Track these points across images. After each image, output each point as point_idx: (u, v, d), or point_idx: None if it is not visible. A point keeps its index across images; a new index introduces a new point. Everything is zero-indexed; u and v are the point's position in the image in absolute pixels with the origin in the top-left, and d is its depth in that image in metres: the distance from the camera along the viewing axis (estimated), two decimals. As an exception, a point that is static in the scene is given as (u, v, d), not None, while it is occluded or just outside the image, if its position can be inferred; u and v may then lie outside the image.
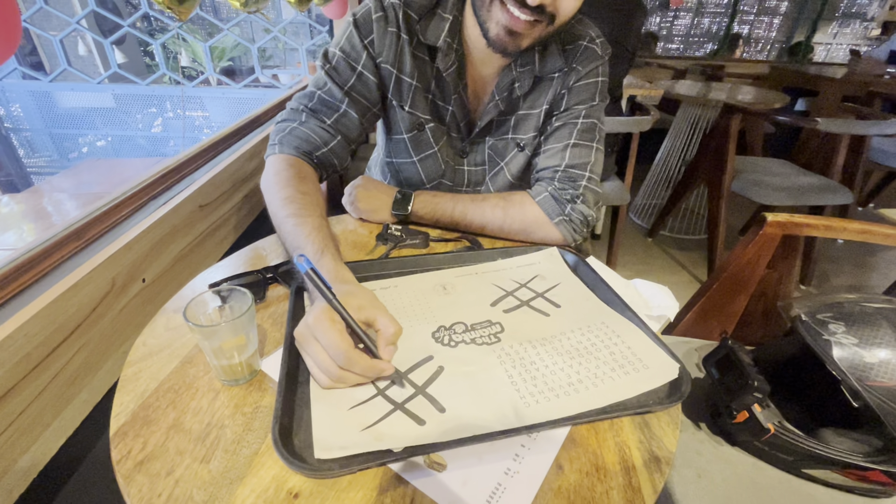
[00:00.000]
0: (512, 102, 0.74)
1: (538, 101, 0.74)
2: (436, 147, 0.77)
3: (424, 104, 0.74)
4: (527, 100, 0.75)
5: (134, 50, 4.09)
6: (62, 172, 2.61)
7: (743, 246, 0.85)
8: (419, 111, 0.74)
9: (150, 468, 0.36)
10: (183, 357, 0.47)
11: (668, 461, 0.39)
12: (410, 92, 0.72)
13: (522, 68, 0.71)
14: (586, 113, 0.73)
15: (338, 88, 0.69)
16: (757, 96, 2.24)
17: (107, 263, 0.56)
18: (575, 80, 0.72)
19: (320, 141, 0.69)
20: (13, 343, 0.43)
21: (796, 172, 1.92)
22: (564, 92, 0.73)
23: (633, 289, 0.62)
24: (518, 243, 0.73)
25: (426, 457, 0.38)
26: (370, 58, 0.69)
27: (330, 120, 0.70)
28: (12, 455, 0.43)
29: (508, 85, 0.72)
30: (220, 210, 0.85)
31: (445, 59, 0.69)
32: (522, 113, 0.75)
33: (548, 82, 0.73)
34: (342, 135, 0.71)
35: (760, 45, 4.89)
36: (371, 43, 0.69)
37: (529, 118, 0.76)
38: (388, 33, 0.68)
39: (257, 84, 3.01)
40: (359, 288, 0.49)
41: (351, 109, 0.70)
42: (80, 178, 2.44)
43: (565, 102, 0.73)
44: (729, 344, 0.68)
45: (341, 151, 0.72)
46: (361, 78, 0.70)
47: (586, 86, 0.73)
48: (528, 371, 0.46)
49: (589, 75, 0.72)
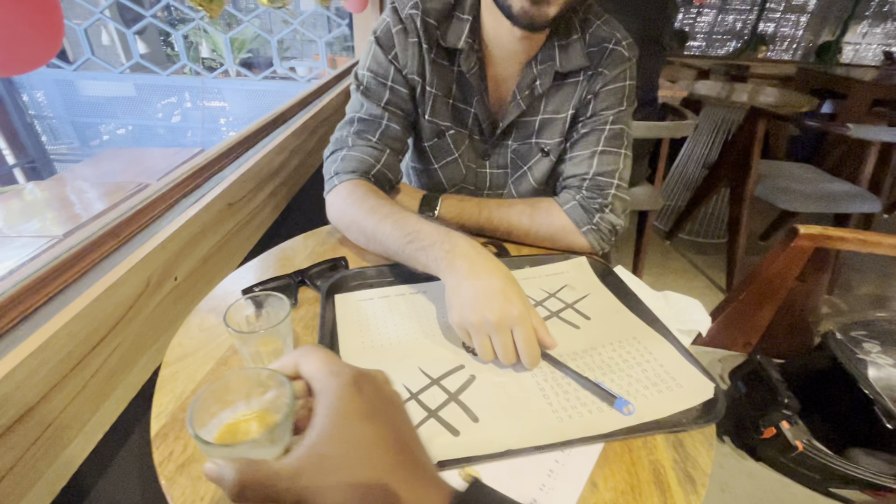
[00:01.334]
0: (534, 102, 0.73)
1: (563, 106, 0.73)
2: (456, 153, 0.77)
3: (445, 111, 0.74)
4: (550, 103, 0.74)
5: (155, 40, 4.13)
6: (84, 161, 2.66)
7: (772, 257, 0.84)
8: (439, 118, 0.74)
9: (192, 471, 0.37)
10: (218, 358, 0.48)
11: (703, 482, 0.39)
12: (431, 100, 0.72)
13: (543, 65, 0.70)
14: (614, 119, 0.72)
15: (375, 105, 0.71)
16: (783, 98, 2.19)
17: (143, 262, 0.57)
18: (602, 85, 0.71)
19: (372, 160, 0.70)
20: (58, 341, 0.44)
21: (822, 178, 1.87)
22: (591, 97, 0.72)
23: (664, 301, 0.61)
24: (545, 250, 0.72)
25: (461, 470, 0.38)
26: (397, 71, 0.70)
27: (375, 137, 0.71)
28: (56, 450, 0.45)
29: (529, 83, 0.71)
30: (247, 208, 0.86)
31: (468, 60, 0.69)
32: (547, 117, 0.75)
33: (571, 86, 0.72)
34: (390, 148, 0.72)
35: (787, 45, 4.76)
36: (395, 57, 0.69)
37: (554, 123, 0.75)
38: (409, 44, 0.68)
39: (275, 76, 3.03)
40: None
41: (392, 122, 0.71)
42: (102, 166, 2.48)
43: (592, 108, 0.72)
44: (757, 359, 0.68)
45: (393, 164, 0.73)
46: (394, 91, 0.71)
47: (613, 90, 0.71)
48: (560, 385, 0.46)
49: (616, 79, 0.71)
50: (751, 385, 0.67)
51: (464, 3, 0.68)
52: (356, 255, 0.68)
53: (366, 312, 0.55)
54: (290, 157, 1.08)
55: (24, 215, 1.72)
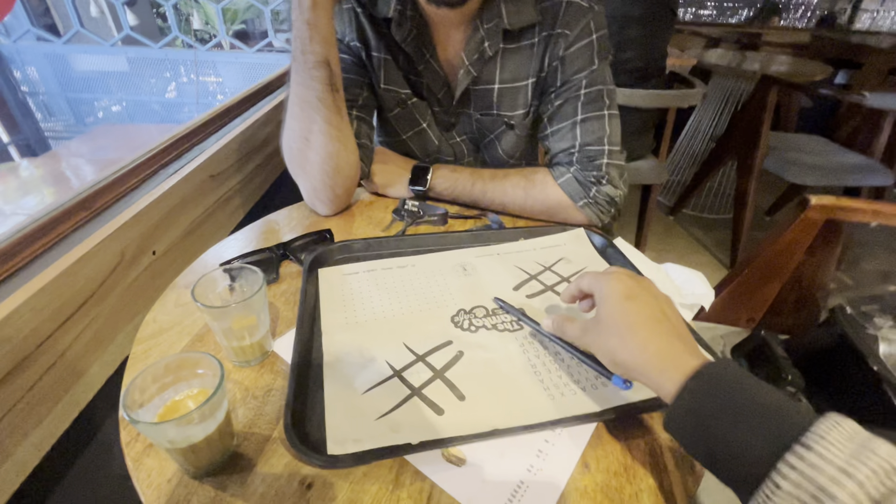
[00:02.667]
0: (486, 68, 0.67)
1: (520, 72, 0.67)
2: (424, 123, 0.73)
3: (399, 78, 0.70)
4: (506, 69, 0.67)
5: (146, 11, 4.00)
6: (78, 137, 2.62)
7: (780, 230, 0.80)
8: (396, 86, 0.70)
9: (159, 451, 0.35)
10: (193, 335, 0.46)
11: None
12: (382, 67, 0.68)
13: (489, 24, 0.63)
14: (588, 81, 0.65)
15: None
16: (796, 67, 2.10)
17: (116, 234, 0.54)
18: (566, 47, 0.63)
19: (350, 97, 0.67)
20: (20, 317, 0.42)
21: (834, 150, 1.81)
22: (556, 63, 0.65)
23: (665, 274, 0.58)
24: (541, 222, 0.69)
25: (444, 450, 0.36)
26: (338, 40, 0.65)
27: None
28: (24, 429, 0.43)
29: (477, 46, 0.64)
30: (232, 180, 0.82)
31: (400, 30, 0.63)
32: (505, 86, 0.68)
33: (527, 48, 0.66)
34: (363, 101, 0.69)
35: (801, 12, 4.57)
36: None
37: (514, 92, 0.69)
38: (343, 10, 0.64)
39: (271, 49, 2.93)
40: None
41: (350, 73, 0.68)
42: (97, 143, 2.45)
43: (561, 75, 0.65)
44: (762, 335, 0.65)
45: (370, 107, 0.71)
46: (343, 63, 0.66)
47: (580, 50, 0.64)
48: (553, 362, 0.44)
49: (580, 37, 0.63)
50: (754, 362, 0.64)
51: None
52: (342, 227, 0.65)
53: (350, 287, 0.53)
54: (277, 128, 1.03)
55: (21, 191, 1.70)
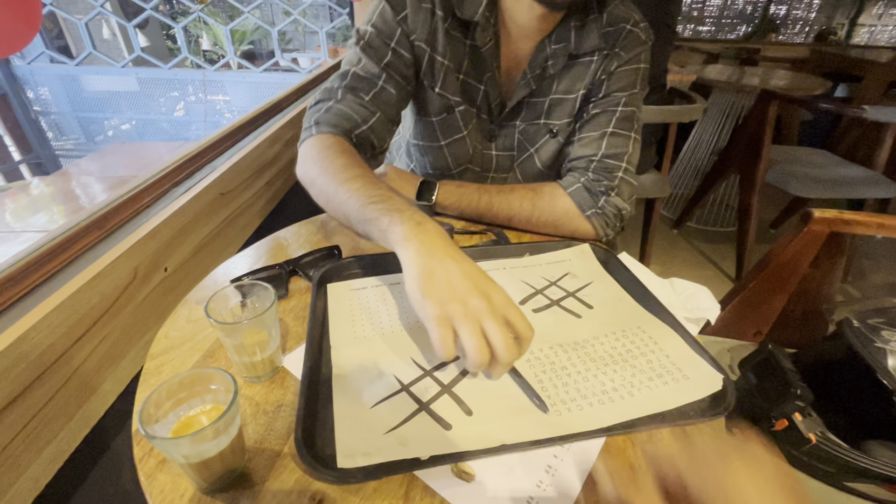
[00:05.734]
0: (544, 82, 0.70)
1: (574, 86, 0.70)
2: (465, 131, 0.74)
3: (455, 85, 0.70)
4: (562, 82, 0.71)
5: (156, 33, 4.11)
6: (89, 155, 2.66)
7: (785, 242, 0.81)
8: (449, 93, 0.71)
9: (173, 467, 0.35)
10: (205, 350, 0.46)
11: (711, 479, 0.37)
12: (442, 72, 0.68)
13: (557, 45, 0.67)
14: (626, 101, 0.69)
15: (374, 64, 0.66)
16: (795, 82, 2.12)
17: (130, 252, 0.55)
18: (617, 66, 0.68)
19: (359, 118, 0.65)
20: (37, 334, 0.43)
21: (836, 163, 1.82)
22: (604, 77, 0.69)
23: (670, 288, 0.58)
24: (546, 237, 0.70)
25: (454, 466, 0.36)
26: (404, 34, 0.66)
27: (368, 96, 0.66)
28: (38, 445, 0.43)
29: (542, 63, 0.68)
30: (242, 198, 0.84)
31: (483, 35, 0.65)
32: (557, 97, 0.72)
33: (584, 66, 0.69)
34: (382, 111, 0.67)
35: (798, 27, 4.63)
36: (404, 19, 0.65)
37: (564, 103, 0.72)
38: (421, 9, 0.64)
39: (277, 68, 3.00)
40: None
41: (388, 85, 0.66)
42: (106, 161, 2.49)
43: (605, 88, 0.69)
44: (769, 348, 0.65)
45: (381, 130, 0.67)
46: (397, 53, 0.66)
47: (628, 72, 0.68)
48: (560, 377, 0.44)
49: (631, 61, 0.68)
50: (762, 375, 0.64)
51: None
52: (350, 243, 0.66)
53: (358, 302, 0.53)
54: (286, 147, 1.06)
55: (31, 210, 1.72)
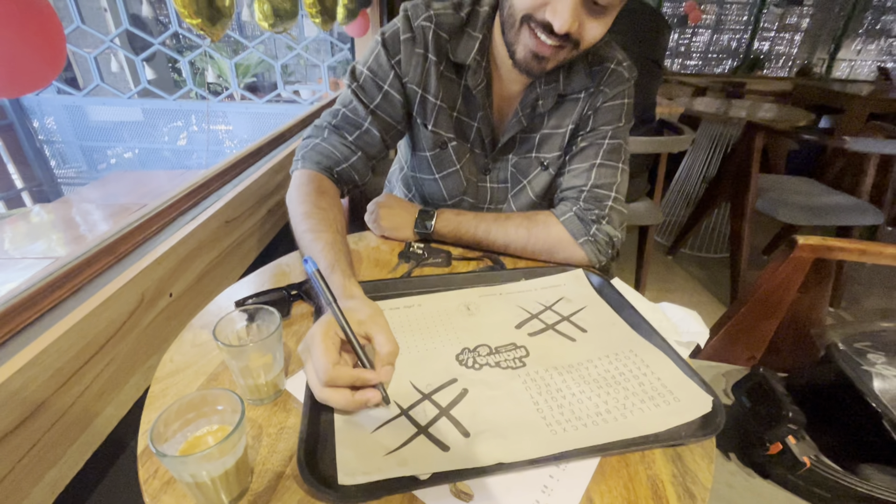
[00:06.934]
0: (535, 119, 0.74)
1: (563, 122, 0.74)
2: (458, 165, 0.77)
3: (448, 122, 0.74)
4: (551, 118, 0.75)
5: (163, 66, 4.24)
6: (91, 183, 2.70)
7: (772, 269, 0.83)
8: (442, 130, 0.74)
9: (177, 488, 0.36)
10: (209, 374, 0.48)
11: (703, 498, 0.38)
12: (434, 111, 0.73)
13: (547, 86, 0.71)
14: (612, 133, 0.73)
15: (363, 107, 0.71)
16: (780, 114, 2.21)
17: (137, 278, 0.57)
18: (602, 102, 0.72)
19: (341, 156, 0.71)
20: (46, 357, 0.44)
21: (822, 191, 1.87)
22: (591, 113, 0.73)
23: (661, 313, 0.60)
24: (541, 263, 0.72)
25: (452, 485, 0.37)
26: (397, 77, 0.70)
27: (352, 137, 0.72)
28: (41, 469, 0.44)
29: (532, 102, 0.72)
30: (245, 225, 0.86)
31: (475, 77, 0.69)
32: (547, 132, 0.75)
33: (572, 102, 0.73)
34: (363, 151, 0.73)
35: (782, 62, 4.83)
36: (398, 63, 0.70)
37: (554, 137, 0.76)
38: (414, 54, 0.69)
39: (279, 99, 3.09)
40: (364, 303, 0.48)
41: (373, 127, 0.71)
42: (108, 189, 2.52)
43: (592, 122, 0.73)
44: (761, 372, 0.66)
45: (361, 167, 0.73)
46: (387, 97, 0.71)
47: (613, 107, 0.72)
48: (555, 398, 0.45)
49: (616, 97, 0.72)
50: (755, 399, 0.65)
51: (476, 21, 0.69)
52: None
53: (359, 327, 0.55)
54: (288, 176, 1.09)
55: (30, 237, 1.74)
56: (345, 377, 0.41)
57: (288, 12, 1.16)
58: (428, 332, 0.55)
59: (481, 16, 0.68)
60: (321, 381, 0.41)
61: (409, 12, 0.69)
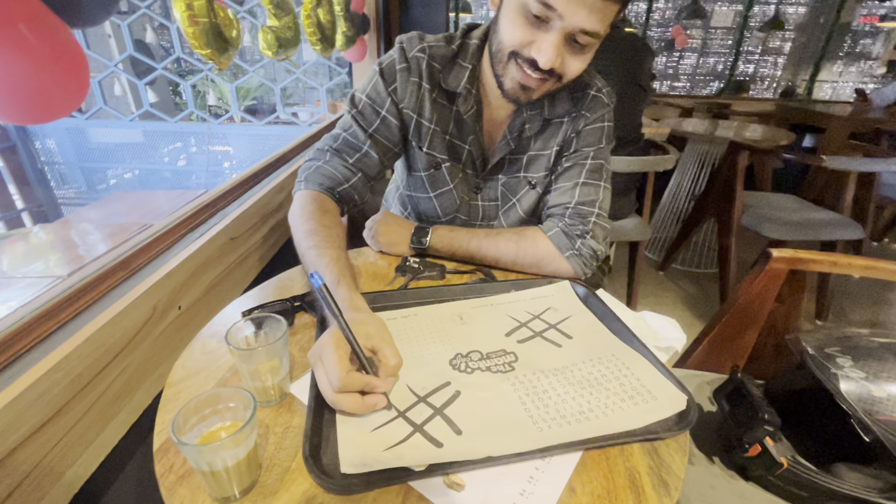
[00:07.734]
0: (522, 142, 0.80)
1: (549, 143, 0.80)
2: (451, 184, 0.82)
3: (442, 145, 0.80)
4: (538, 141, 0.80)
5: (164, 89, 4.34)
6: (91, 204, 2.73)
7: (749, 280, 0.88)
8: (436, 151, 0.80)
9: (192, 482, 0.39)
10: (218, 379, 0.51)
11: (676, 486, 0.41)
12: (429, 134, 0.78)
13: (532, 111, 0.76)
14: (594, 154, 0.78)
15: (362, 131, 0.76)
16: (763, 134, 2.30)
17: (150, 291, 0.60)
18: (584, 125, 0.78)
19: (342, 178, 0.75)
20: (69, 363, 0.47)
21: (805, 208, 1.94)
22: (574, 135, 0.78)
23: (642, 321, 0.64)
24: (530, 276, 0.76)
25: (445, 477, 0.40)
26: (393, 103, 0.76)
27: (352, 159, 0.77)
28: (61, 468, 0.47)
29: (519, 126, 0.77)
30: (249, 242, 0.90)
31: (465, 103, 0.75)
32: (534, 153, 0.81)
33: (556, 126, 0.79)
34: (363, 172, 0.78)
35: (766, 84, 5.00)
36: (394, 90, 0.75)
37: (540, 158, 0.81)
38: (409, 82, 0.75)
39: (278, 121, 3.17)
40: (370, 317, 0.52)
41: (372, 150, 0.76)
42: (108, 209, 2.55)
43: (575, 144, 0.78)
44: (738, 377, 0.70)
45: (361, 187, 0.78)
46: (385, 122, 0.76)
47: (594, 130, 0.78)
48: (541, 399, 0.49)
49: (596, 121, 0.78)
50: (733, 403, 0.69)
51: (466, 52, 0.75)
52: (351, 283, 0.72)
53: (359, 335, 0.58)
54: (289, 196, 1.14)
55: (29, 257, 1.76)
56: (356, 383, 0.45)
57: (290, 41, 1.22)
58: (423, 339, 0.58)
59: (471, 48, 0.74)
60: (334, 388, 0.45)
61: (405, 45, 0.75)
